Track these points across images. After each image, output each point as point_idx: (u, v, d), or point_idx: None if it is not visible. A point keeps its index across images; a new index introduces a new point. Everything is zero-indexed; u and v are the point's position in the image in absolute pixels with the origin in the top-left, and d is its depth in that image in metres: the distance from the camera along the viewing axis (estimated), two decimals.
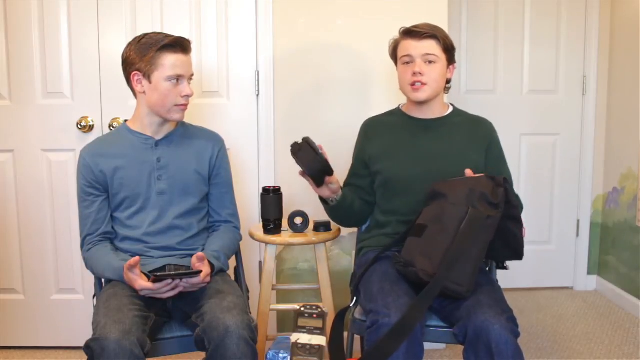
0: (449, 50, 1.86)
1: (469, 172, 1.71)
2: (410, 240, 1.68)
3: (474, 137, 1.89)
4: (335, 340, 1.73)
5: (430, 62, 1.82)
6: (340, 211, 1.90)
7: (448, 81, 1.92)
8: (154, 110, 1.77)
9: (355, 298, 1.82)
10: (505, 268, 1.83)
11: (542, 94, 3.24)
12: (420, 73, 1.81)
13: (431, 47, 1.82)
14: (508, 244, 1.67)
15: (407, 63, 1.84)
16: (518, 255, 1.70)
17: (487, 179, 1.63)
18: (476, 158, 1.85)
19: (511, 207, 1.63)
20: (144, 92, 1.75)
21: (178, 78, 1.73)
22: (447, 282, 1.56)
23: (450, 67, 1.89)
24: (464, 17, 3.18)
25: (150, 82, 1.73)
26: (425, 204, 1.72)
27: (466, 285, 1.58)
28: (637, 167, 2.94)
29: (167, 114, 1.77)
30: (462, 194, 1.61)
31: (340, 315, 1.79)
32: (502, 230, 1.63)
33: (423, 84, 1.82)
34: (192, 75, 1.79)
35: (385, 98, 2.44)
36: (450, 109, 1.96)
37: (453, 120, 1.92)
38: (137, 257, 1.60)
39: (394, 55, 1.93)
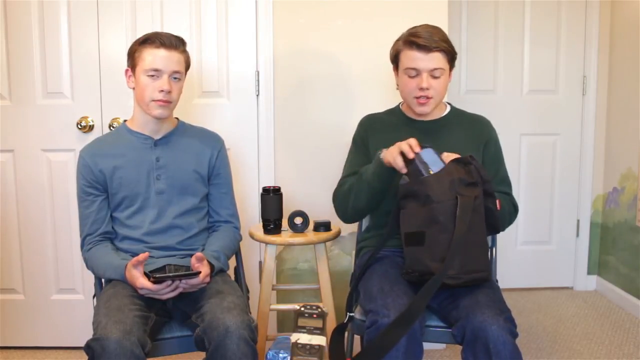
0: (454, 59, 1.83)
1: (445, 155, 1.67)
2: (411, 250, 1.64)
3: (472, 135, 1.89)
4: (335, 349, 1.73)
5: (436, 76, 1.79)
6: (386, 182, 1.77)
7: None
8: (140, 106, 1.79)
9: (349, 314, 1.81)
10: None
11: (542, 94, 3.24)
12: (427, 88, 1.78)
13: (439, 61, 1.77)
14: (485, 218, 1.65)
15: (413, 76, 1.79)
16: (496, 228, 1.70)
17: (455, 163, 1.62)
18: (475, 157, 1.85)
19: (484, 182, 1.62)
20: (134, 88, 1.78)
21: (156, 72, 1.72)
22: (466, 276, 1.56)
23: (451, 72, 1.87)
24: (464, 17, 3.18)
25: (135, 77, 1.76)
26: (400, 205, 1.68)
27: (485, 269, 1.61)
28: (637, 167, 2.94)
29: (147, 110, 1.77)
30: (444, 189, 1.59)
31: (339, 330, 1.79)
32: None
33: (429, 97, 1.80)
34: (177, 72, 1.76)
35: (385, 98, 2.43)
36: (448, 109, 1.95)
37: (451, 121, 1.92)
38: (147, 253, 1.61)
39: (395, 60, 1.87)
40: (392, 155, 1.65)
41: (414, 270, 1.63)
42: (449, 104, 1.98)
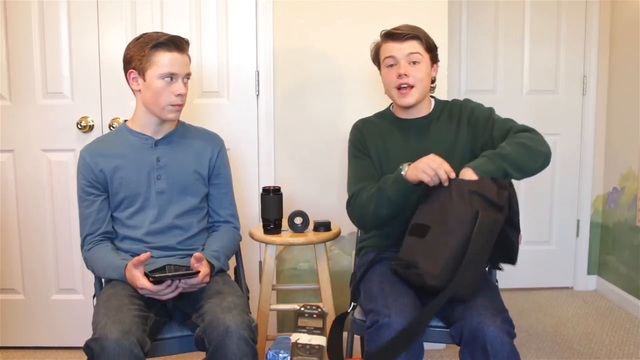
0: (432, 50, 1.85)
1: (465, 173, 1.64)
2: (410, 240, 1.65)
3: (457, 121, 1.87)
4: (333, 343, 1.73)
5: (414, 62, 1.80)
6: (409, 197, 1.74)
7: (432, 80, 1.91)
8: (149, 109, 1.77)
9: (352, 304, 1.81)
10: (498, 268, 1.79)
11: (542, 94, 3.25)
12: (405, 74, 1.79)
13: (414, 47, 1.81)
14: (503, 248, 1.64)
15: (391, 65, 1.83)
16: (512, 260, 1.66)
17: (492, 182, 1.59)
18: (466, 142, 1.84)
19: (512, 213, 1.60)
20: (140, 90, 1.76)
21: (171, 76, 1.72)
22: (446, 284, 1.54)
23: (434, 65, 1.88)
24: (464, 17, 3.18)
25: (144, 80, 1.73)
26: (420, 199, 1.68)
27: (468, 288, 1.57)
28: (637, 167, 2.94)
29: (161, 113, 1.76)
30: (465, 195, 1.57)
31: (339, 320, 1.79)
32: (500, 234, 1.60)
33: (410, 86, 1.81)
34: (188, 74, 1.77)
35: (386, 98, 2.43)
36: (434, 103, 1.95)
37: (438, 116, 1.91)
38: (148, 253, 1.61)
39: (376, 59, 1.91)
40: (425, 175, 1.61)
41: (402, 259, 1.64)
42: (433, 98, 1.97)
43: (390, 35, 1.83)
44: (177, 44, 1.72)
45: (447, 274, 1.55)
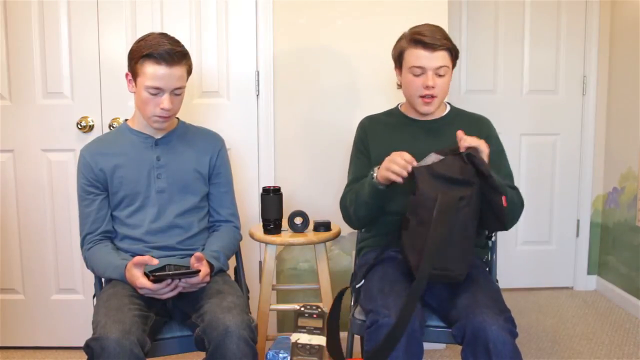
0: (457, 58, 1.85)
1: (460, 133, 1.66)
2: (402, 234, 1.67)
3: (472, 134, 1.87)
4: (333, 316, 1.77)
5: (441, 75, 1.79)
6: (383, 199, 1.79)
7: None
8: (140, 114, 1.78)
9: (354, 295, 1.83)
10: (489, 238, 1.88)
11: (542, 94, 3.25)
12: (432, 86, 1.79)
13: (444, 59, 1.78)
14: (490, 213, 1.64)
15: (418, 75, 1.80)
16: (502, 223, 1.65)
17: (453, 158, 1.60)
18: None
19: (485, 178, 1.59)
20: (135, 93, 1.77)
21: (157, 90, 1.70)
22: (436, 271, 1.55)
23: (452, 70, 1.88)
24: (464, 17, 3.18)
25: (135, 86, 1.74)
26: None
27: (457, 269, 1.59)
28: (637, 167, 2.94)
29: (147, 121, 1.77)
30: (431, 182, 1.59)
31: (340, 296, 1.81)
32: (483, 200, 1.62)
33: (433, 96, 1.81)
34: (180, 88, 1.73)
35: (385, 98, 2.44)
36: (448, 108, 1.95)
37: (452, 120, 1.92)
38: (152, 258, 1.62)
39: (398, 60, 1.87)
40: (390, 172, 1.64)
41: (402, 254, 1.67)
42: (448, 103, 1.98)
43: (422, 43, 1.77)
44: (167, 59, 1.67)
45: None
